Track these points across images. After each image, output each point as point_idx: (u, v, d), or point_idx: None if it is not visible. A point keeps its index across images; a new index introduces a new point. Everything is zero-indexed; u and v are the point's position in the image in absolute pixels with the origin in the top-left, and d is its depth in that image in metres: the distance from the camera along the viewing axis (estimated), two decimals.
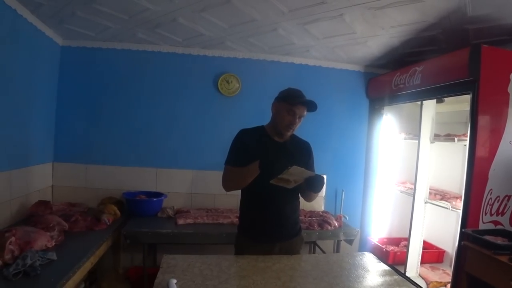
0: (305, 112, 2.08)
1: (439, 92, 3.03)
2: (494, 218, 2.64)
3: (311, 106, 2.06)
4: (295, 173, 1.87)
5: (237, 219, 2.30)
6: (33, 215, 2.74)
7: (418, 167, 3.32)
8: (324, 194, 4.03)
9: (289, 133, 2.13)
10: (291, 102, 2.04)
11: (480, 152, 2.60)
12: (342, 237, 3.45)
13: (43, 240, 2.27)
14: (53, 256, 2.11)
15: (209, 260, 1.95)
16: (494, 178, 2.62)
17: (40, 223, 2.51)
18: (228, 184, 2.16)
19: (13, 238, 2.05)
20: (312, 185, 1.96)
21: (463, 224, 2.62)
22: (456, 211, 2.87)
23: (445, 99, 3.18)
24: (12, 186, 2.78)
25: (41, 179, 3.34)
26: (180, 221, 3.22)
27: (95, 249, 2.50)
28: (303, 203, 2.31)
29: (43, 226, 2.47)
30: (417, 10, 2.51)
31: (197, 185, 3.83)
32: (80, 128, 3.67)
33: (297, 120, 2.07)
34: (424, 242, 3.50)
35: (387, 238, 4.05)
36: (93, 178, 3.68)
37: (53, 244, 2.36)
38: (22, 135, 2.98)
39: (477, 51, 2.53)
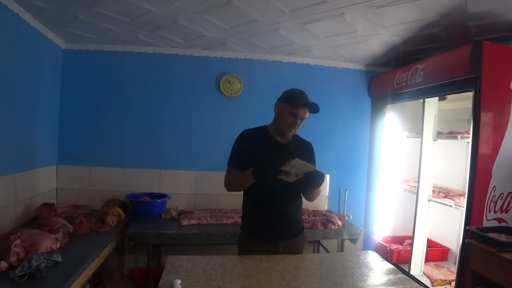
0: (307, 114, 2.09)
1: (441, 90, 3.02)
2: (498, 215, 2.63)
3: (313, 108, 2.07)
4: (296, 166, 1.88)
5: (241, 219, 2.31)
6: (38, 218, 2.76)
7: (421, 165, 3.31)
8: (327, 193, 4.03)
9: (290, 134, 2.15)
10: (293, 104, 2.05)
11: (483, 149, 2.59)
12: (346, 236, 3.45)
13: (48, 242, 2.29)
14: (58, 258, 2.13)
15: (213, 261, 1.95)
16: (498, 175, 2.61)
17: (45, 226, 2.53)
18: (229, 186, 2.19)
19: (18, 241, 2.06)
20: (311, 180, 1.97)
21: (467, 222, 2.61)
22: (460, 209, 2.86)
23: (448, 96, 3.17)
24: (16, 189, 2.80)
25: (45, 182, 3.36)
26: (184, 222, 3.23)
27: (99, 251, 2.52)
28: (306, 203, 2.31)
29: (48, 229, 2.48)
30: (418, 7, 2.50)
31: (200, 186, 3.84)
32: (83, 131, 3.69)
33: (298, 121, 2.08)
34: (428, 240, 3.50)
35: (391, 237, 4.04)
36: (97, 180, 3.70)
37: (58, 246, 2.38)
38: (26, 138, 3.00)
39: (479, 48, 2.53)
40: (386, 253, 3.59)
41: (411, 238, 3.39)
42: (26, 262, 1.93)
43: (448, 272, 3.31)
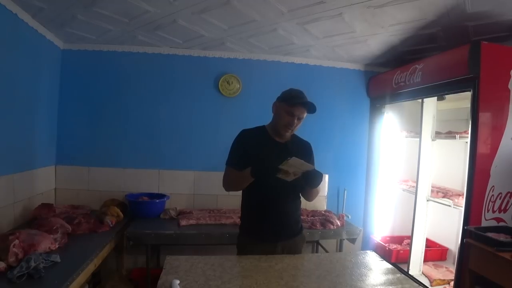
0: (305, 114, 2.09)
1: (440, 90, 3.03)
2: (497, 215, 2.64)
3: (311, 108, 2.06)
4: (294, 165, 1.88)
5: (239, 219, 2.31)
6: (37, 218, 2.76)
7: (420, 165, 3.32)
8: (326, 193, 4.04)
9: (287, 134, 2.14)
10: (290, 103, 2.05)
11: (482, 149, 2.60)
12: (344, 236, 3.45)
13: (47, 243, 2.28)
14: (56, 258, 2.13)
15: (212, 261, 1.95)
16: (496, 175, 2.61)
17: (43, 226, 2.53)
18: (227, 185, 2.18)
19: (17, 241, 2.06)
20: (309, 179, 1.96)
21: (466, 222, 2.62)
22: (459, 209, 2.87)
23: (446, 96, 3.18)
24: (15, 189, 2.79)
25: (44, 182, 3.35)
26: (183, 222, 3.23)
27: (98, 251, 2.51)
28: (305, 203, 2.31)
29: (46, 229, 2.48)
30: (416, 7, 2.50)
31: (199, 186, 3.84)
32: (82, 131, 3.68)
33: (295, 121, 2.07)
34: (427, 240, 3.50)
35: (389, 237, 4.05)
36: (95, 181, 3.69)
37: (57, 246, 2.38)
38: (24, 138, 2.99)
39: (477, 48, 2.53)
40: (385, 253, 3.60)
41: (410, 238, 3.40)
42: (24, 263, 1.93)
43: (447, 271, 3.32)
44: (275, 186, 2.02)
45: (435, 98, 3.24)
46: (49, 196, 3.47)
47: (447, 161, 3.62)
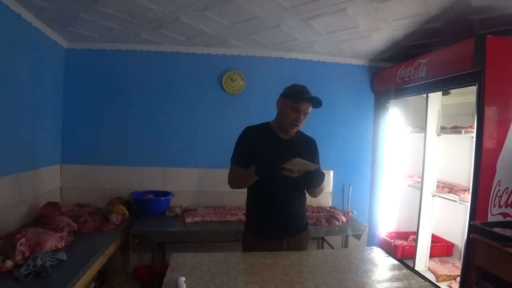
0: (310, 109, 2.08)
1: (445, 84, 3.00)
2: (503, 210, 2.61)
3: (316, 103, 2.05)
4: (297, 164, 1.87)
5: (245, 216, 2.31)
6: (43, 217, 2.78)
7: (425, 160, 3.30)
8: (331, 190, 4.03)
9: (294, 130, 2.13)
10: (296, 99, 2.03)
11: (488, 143, 2.58)
12: (350, 232, 3.44)
13: (53, 241, 2.30)
14: (63, 256, 2.14)
15: (217, 258, 1.96)
16: (502, 169, 2.59)
17: (49, 224, 2.54)
18: (232, 183, 2.18)
19: (23, 240, 2.08)
20: (310, 179, 1.97)
21: (472, 217, 2.60)
22: (465, 204, 2.85)
23: (451, 91, 3.16)
24: (21, 188, 2.81)
25: (49, 181, 3.37)
26: (188, 220, 3.24)
27: (104, 249, 2.52)
28: (310, 199, 2.31)
29: (52, 227, 2.50)
30: (420, 1, 2.48)
31: (204, 183, 3.85)
32: (87, 129, 3.70)
33: (301, 117, 2.06)
34: (433, 236, 3.49)
35: (395, 232, 4.03)
36: (101, 179, 3.71)
37: (63, 244, 2.39)
38: (29, 138, 3.01)
39: (482, 42, 2.51)
40: (390, 249, 3.59)
41: (416, 233, 3.39)
42: (31, 261, 1.94)
43: (453, 267, 3.30)
44: (280, 184, 2.02)
45: (440, 92, 3.22)
46: (55, 195, 3.49)
47: (452, 156, 3.60)
